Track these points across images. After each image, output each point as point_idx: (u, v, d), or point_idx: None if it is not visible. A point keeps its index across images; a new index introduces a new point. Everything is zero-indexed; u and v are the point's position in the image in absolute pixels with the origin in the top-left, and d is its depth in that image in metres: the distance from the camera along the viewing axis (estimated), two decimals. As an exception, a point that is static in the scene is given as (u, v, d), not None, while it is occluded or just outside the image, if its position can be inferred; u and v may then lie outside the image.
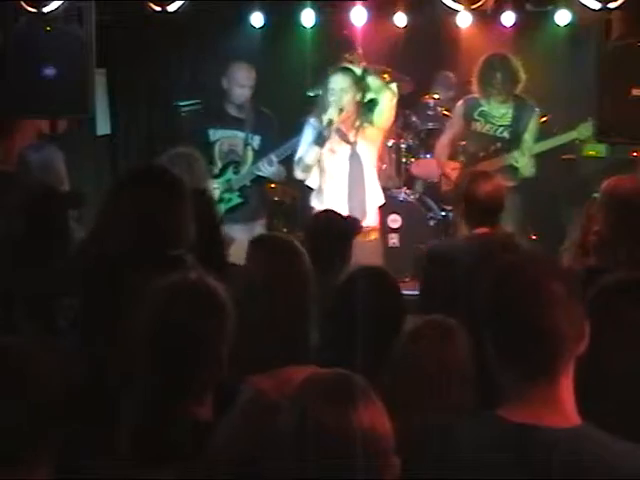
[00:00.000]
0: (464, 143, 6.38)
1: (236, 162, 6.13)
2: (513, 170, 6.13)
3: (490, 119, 6.15)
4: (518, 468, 1.86)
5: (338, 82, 5.56)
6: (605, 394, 2.19)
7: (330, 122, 5.51)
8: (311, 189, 5.87)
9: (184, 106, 6.60)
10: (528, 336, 1.90)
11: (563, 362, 1.91)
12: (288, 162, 5.95)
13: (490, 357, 1.95)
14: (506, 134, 6.15)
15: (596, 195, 3.93)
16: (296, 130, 5.86)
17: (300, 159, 5.72)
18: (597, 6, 5.17)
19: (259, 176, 6.10)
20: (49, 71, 5.30)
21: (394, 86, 5.87)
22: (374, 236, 5.76)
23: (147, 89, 7.61)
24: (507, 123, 6.15)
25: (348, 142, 5.68)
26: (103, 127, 7.14)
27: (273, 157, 5.98)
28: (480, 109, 6.16)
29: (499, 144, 6.15)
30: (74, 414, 2.11)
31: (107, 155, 7.42)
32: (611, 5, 5.08)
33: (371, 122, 5.67)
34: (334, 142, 5.68)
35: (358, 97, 5.61)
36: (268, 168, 6.00)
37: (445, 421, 2.13)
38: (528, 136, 6.15)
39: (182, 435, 2.26)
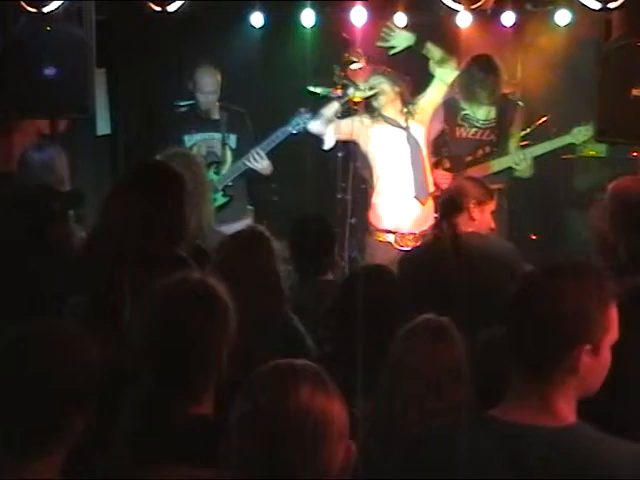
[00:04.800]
0: (447, 148, 6.32)
1: (216, 163, 6.18)
2: (505, 171, 6.12)
3: (475, 122, 6.11)
4: (507, 467, 1.88)
5: (373, 78, 5.93)
6: (625, 398, 2.20)
7: (345, 96, 5.96)
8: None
9: (182, 106, 6.61)
10: (528, 340, 1.93)
11: (561, 367, 1.92)
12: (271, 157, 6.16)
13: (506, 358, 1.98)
14: (493, 137, 6.13)
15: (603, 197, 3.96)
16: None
17: (320, 113, 6.04)
18: (597, 6, 5.16)
19: (240, 174, 6.20)
20: (49, 71, 5.29)
21: (453, 62, 5.94)
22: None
23: (147, 89, 7.61)
24: (493, 125, 6.13)
25: (400, 127, 5.81)
26: (103, 127, 7.13)
27: (260, 150, 6.05)
28: (462, 113, 6.12)
29: (487, 148, 6.12)
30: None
31: (107, 155, 7.42)
32: (611, 5, 5.07)
33: (418, 105, 5.90)
34: (386, 129, 5.90)
35: (397, 88, 5.87)
36: (260, 161, 6.07)
37: (442, 421, 2.13)
38: (515, 129, 6.16)
39: (181, 435, 2.25)
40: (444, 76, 5.90)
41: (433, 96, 5.96)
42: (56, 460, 2.05)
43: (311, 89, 6.80)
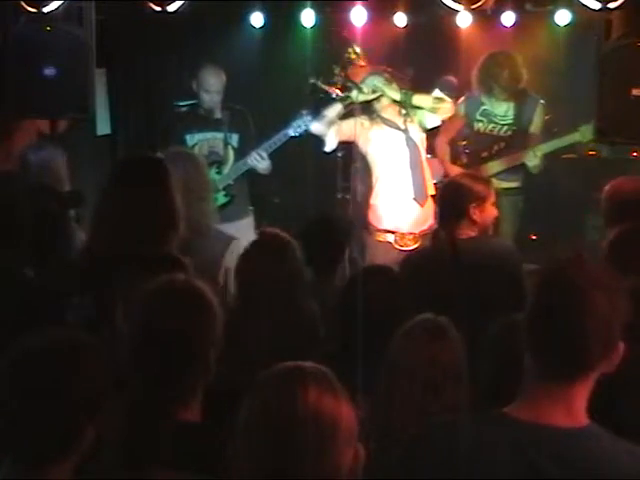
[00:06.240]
0: (464, 143, 6.37)
1: (218, 162, 6.19)
2: (518, 168, 6.14)
3: (493, 118, 6.16)
4: (522, 466, 1.87)
5: (370, 79, 5.91)
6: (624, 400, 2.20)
7: (348, 98, 5.90)
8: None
9: (182, 106, 6.61)
10: (553, 341, 1.91)
11: (582, 372, 1.92)
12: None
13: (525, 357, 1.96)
14: (510, 132, 6.17)
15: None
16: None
17: (322, 114, 6.00)
18: (597, 6, 5.16)
19: (242, 174, 6.19)
20: (49, 71, 5.28)
21: (447, 102, 5.96)
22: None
23: (147, 89, 7.61)
24: (510, 121, 6.15)
25: (399, 129, 5.85)
26: (103, 127, 7.14)
27: (262, 152, 6.05)
28: (482, 108, 6.17)
29: (502, 144, 6.16)
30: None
31: (107, 155, 7.42)
32: (611, 5, 5.07)
33: (416, 109, 5.91)
34: (385, 132, 5.90)
35: (394, 96, 5.86)
36: (262, 162, 6.07)
37: (450, 418, 2.13)
38: (534, 129, 6.17)
39: (167, 438, 2.24)
40: (442, 114, 5.94)
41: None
42: (69, 466, 2.06)
43: (313, 81, 6.82)
